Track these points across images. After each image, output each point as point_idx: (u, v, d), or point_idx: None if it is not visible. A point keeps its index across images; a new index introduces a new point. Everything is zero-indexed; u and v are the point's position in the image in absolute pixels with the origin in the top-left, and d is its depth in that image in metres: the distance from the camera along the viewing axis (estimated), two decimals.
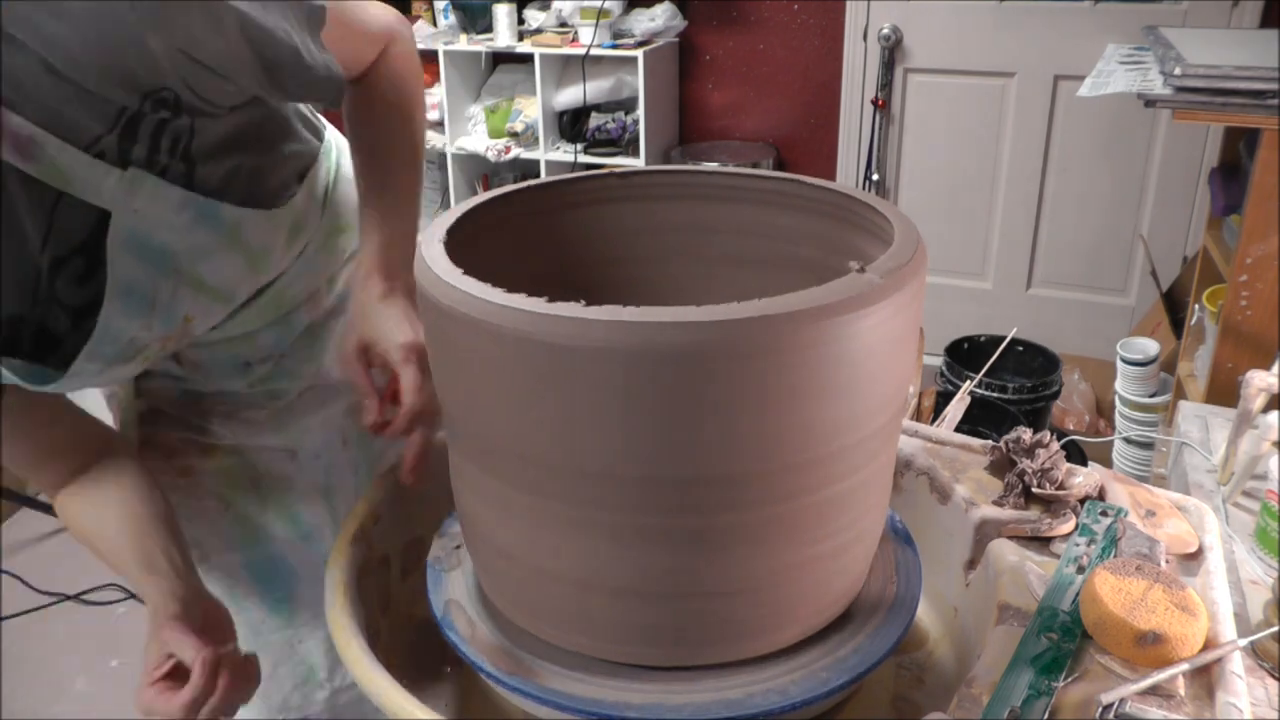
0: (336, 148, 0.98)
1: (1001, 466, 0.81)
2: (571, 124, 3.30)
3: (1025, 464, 0.78)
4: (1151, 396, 2.35)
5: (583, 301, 0.53)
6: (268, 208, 0.84)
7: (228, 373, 0.96)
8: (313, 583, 1.01)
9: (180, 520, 0.98)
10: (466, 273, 0.59)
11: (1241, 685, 0.60)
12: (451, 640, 0.68)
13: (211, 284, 0.81)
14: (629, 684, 0.63)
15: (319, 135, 0.95)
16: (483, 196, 0.73)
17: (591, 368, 0.52)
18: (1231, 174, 2.17)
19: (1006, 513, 0.76)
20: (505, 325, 0.54)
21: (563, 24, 3.24)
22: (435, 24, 3.37)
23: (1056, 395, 2.29)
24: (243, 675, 0.74)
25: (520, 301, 0.54)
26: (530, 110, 3.31)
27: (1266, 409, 1.25)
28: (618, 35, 3.16)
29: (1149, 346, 2.38)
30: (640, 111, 3.16)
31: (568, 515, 0.58)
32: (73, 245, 0.73)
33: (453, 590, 0.72)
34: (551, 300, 0.53)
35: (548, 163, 3.33)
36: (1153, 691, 0.59)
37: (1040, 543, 0.75)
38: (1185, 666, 0.61)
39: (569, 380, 0.53)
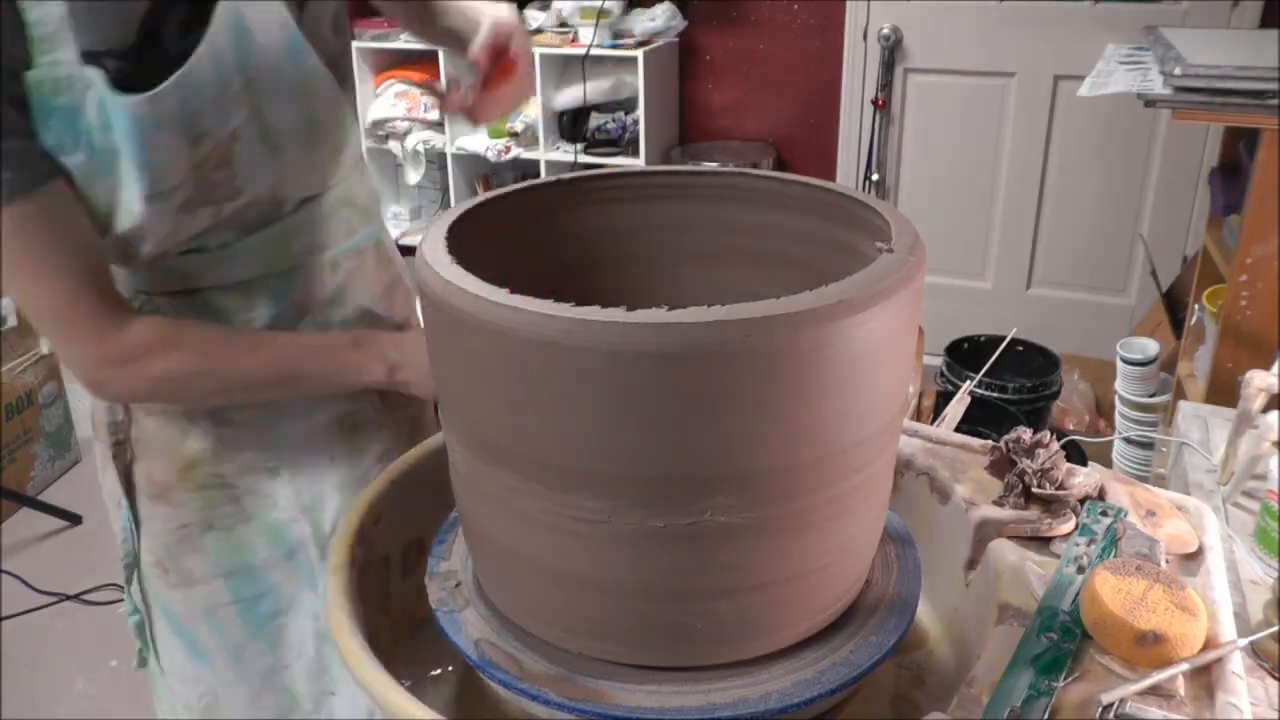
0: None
1: (1001, 466, 0.81)
2: (571, 124, 3.30)
3: (1025, 464, 0.78)
4: (1151, 396, 2.35)
5: (591, 304, 0.53)
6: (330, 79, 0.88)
7: None
8: (297, 606, 0.99)
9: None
10: (469, 272, 0.59)
11: (1241, 685, 0.60)
12: (500, 680, 0.64)
13: (268, 120, 0.84)
14: (634, 684, 0.63)
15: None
16: (483, 196, 0.73)
17: (593, 368, 0.52)
18: (1231, 174, 2.17)
19: (1006, 513, 0.76)
20: (508, 325, 0.54)
21: (563, 24, 3.24)
22: None
23: (1056, 395, 2.29)
24: None
25: (523, 302, 0.54)
26: (530, 110, 3.30)
27: (1266, 409, 1.24)
28: (618, 35, 3.16)
29: (1149, 346, 2.38)
30: (640, 111, 3.16)
31: (570, 515, 0.58)
32: None
33: (475, 629, 0.68)
34: (553, 300, 0.53)
35: (548, 163, 3.33)
36: (1153, 691, 0.59)
37: (1040, 543, 0.75)
38: (1185, 666, 0.61)
39: (570, 381, 0.53)
